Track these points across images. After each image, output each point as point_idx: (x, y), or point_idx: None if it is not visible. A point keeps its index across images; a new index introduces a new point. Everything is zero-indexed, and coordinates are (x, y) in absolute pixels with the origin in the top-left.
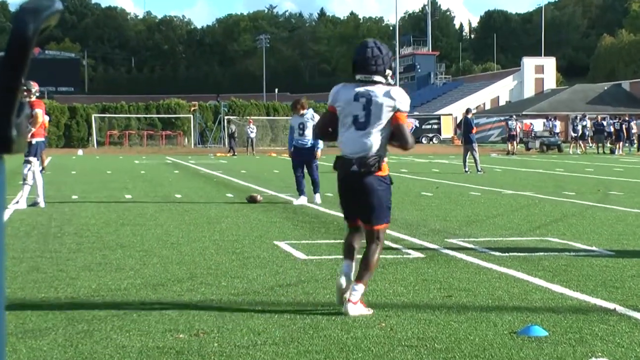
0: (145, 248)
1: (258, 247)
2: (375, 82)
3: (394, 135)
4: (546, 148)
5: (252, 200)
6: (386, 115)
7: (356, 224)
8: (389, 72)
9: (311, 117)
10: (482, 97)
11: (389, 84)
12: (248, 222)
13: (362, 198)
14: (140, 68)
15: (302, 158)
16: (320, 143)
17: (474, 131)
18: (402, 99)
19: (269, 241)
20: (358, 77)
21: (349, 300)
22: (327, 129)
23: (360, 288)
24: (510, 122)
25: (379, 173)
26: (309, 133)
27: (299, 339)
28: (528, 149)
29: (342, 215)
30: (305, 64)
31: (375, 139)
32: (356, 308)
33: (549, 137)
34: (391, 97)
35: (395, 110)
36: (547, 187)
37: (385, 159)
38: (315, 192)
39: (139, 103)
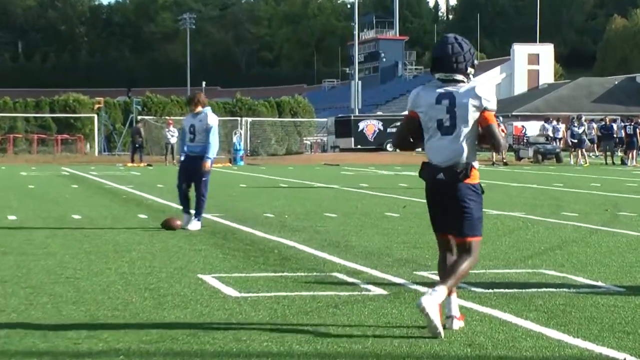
0: (33, 284)
1: (178, 281)
2: (457, 81)
3: (484, 138)
4: (542, 157)
5: (168, 226)
6: (472, 117)
7: (446, 236)
8: (471, 70)
9: (205, 118)
10: None
11: (469, 80)
12: (165, 251)
13: (452, 208)
14: (29, 54)
15: (190, 169)
16: (212, 152)
17: None
18: (488, 97)
19: (192, 274)
20: (437, 75)
21: (431, 294)
22: (408, 138)
23: (441, 290)
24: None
25: (469, 180)
26: (201, 138)
27: None
28: (519, 158)
29: (285, 241)
30: (241, 50)
31: (464, 144)
32: (431, 304)
33: (545, 144)
34: (476, 95)
35: (482, 109)
36: (543, 207)
37: (476, 165)
38: (195, 216)
39: (27, 99)
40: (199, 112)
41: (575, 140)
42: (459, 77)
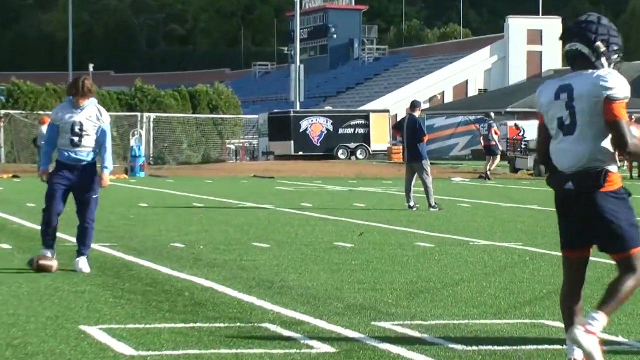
0: None
1: (52, 335)
2: (582, 58)
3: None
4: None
5: (40, 267)
6: (596, 110)
7: (574, 255)
8: (600, 45)
9: (97, 114)
10: (439, 83)
11: (597, 67)
12: (36, 293)
13: (593, 223)
14: None
15: (71, 184)
16: (109, 160)
17: (424, 140)
18: (612, 83)
19: (72, 326)
20: (566, 48)
21: (583, 325)
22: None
23: (601, 318)
24: (485, 126)
25: (607, 188)
26: (90, 141)
27: None
28: (515, 170)
29: (199, 281)
30: (141, 22)
31: (592, 145)
32: (590, 339)
33: None
34: (596, 83)
35: (605, 99)
36: (545, 235)
37: (614, 169)
38: (81, 253)
39: None
40: (84, 105)
41: None
42: (582, 47)
